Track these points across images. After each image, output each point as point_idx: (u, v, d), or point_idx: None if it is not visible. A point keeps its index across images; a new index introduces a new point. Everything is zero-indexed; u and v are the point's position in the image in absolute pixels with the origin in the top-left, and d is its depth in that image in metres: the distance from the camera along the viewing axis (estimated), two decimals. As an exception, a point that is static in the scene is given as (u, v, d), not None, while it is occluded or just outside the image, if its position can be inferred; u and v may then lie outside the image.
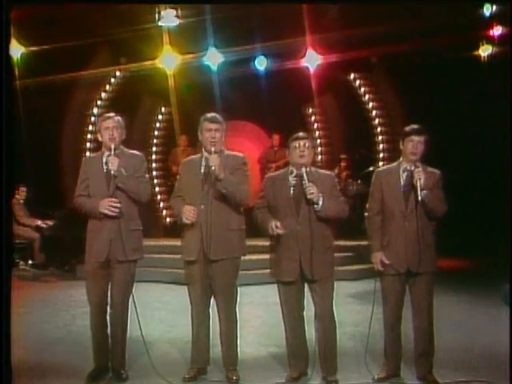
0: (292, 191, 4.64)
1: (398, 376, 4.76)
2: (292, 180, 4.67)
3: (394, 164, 4.83)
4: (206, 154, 4.72)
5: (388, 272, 4.68)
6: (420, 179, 4.52)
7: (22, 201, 10.55)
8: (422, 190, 4.52)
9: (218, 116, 4.83)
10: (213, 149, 4.66)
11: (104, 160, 4.76)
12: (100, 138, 4.82)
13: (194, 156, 4.96)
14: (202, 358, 4.82)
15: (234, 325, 4.80)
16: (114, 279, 4.72)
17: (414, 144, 4.65)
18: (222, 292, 4.73)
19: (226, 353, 4.80)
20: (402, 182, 4.67)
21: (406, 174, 4.68)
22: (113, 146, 4.69)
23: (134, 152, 4.90)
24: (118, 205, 4.64)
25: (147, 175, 4.90)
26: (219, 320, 4.78)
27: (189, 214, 4.62)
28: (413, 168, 4.62)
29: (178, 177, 4.99)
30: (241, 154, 4.90)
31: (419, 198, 4.52)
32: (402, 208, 4.63)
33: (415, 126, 4.73)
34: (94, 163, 4.83)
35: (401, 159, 4.77)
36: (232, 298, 4.77)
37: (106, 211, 4.63)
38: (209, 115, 4.82)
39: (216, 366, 4.93)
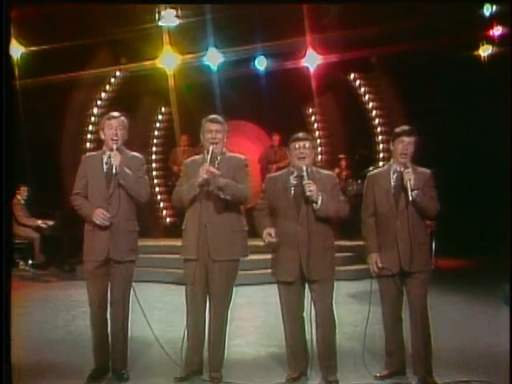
0: (293, 192, 4.65)
1: (403, 374, 4.78)
2: (293, 180, 4.67)
3: (385, 167, 4.90)
4: (206, 155, 4.71)
5: (383, 273, 4.70)
6: (410, 180, 4.55)
7: (22, 201, 10.56)
8: (412, 190, 4.55)
9: (219, 117, 4.84)
10: (212, 147, 4.66)
11: (105, 159, 4.75)
12: (102, 137, 4.80)
13: (196, 156, 4.96)
14: (196, 360, 4.78)
15: (223, 326, 4.77)
16: (113, 279, 4.71)
17: (405, 145, 4.68)
18: (218, 293, 4.71)
19: (212, 353, 4.76)
20: (393, 184, 4.70)
21: (395, 175, 4.71)
22: (115, 147, 4.69)
23: (135, 154, 4.89)
24: (109, 215, 4.62)
25: (146, 177, 4.90)
26: (209, 320, 4.76)
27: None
28: (403, 169, 4.65)
29: (181, 174, 4.99)
30: (242, 156, 4.90)
31: (410, 198, 4.54)
32: (393, 209, 4.66)
33: (405, 127, 4.77)
34: (94, 162, 4.81)
35: (391, 161, 4.82)
36: (226, 300, 4.76)
37: (97, 222, 4.63)
38: (210, 116, 4.84)
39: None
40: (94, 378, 4.68)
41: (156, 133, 12.50)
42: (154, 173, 12.13)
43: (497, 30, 9.98)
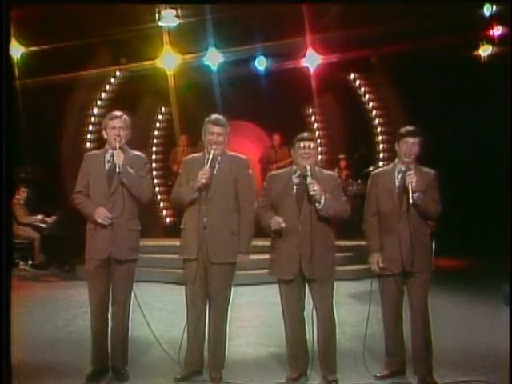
0: (295, 190, 4.65)
1: (404, 374, 4.78)
2: (295, 179, 4.67)
3: (390, 166, 4.89)
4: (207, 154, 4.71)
5: (385, 273, 4.70)
6: (412, 182, 4.55)
7: (22, 201, 10.55)
8: (413, 192, 4.55)
9: (222, 118, 4.78)
10: (212, 151, 4.66)
11: (107, 158, 4.75)
12: (105, 136, 4.80)
13: (196, 154, 4.96)
14: (196, 360, 4.78)
15: (223, 326, 4.77)
16: (114, 278, 4.71)
17: (409, 146, 4.69)
18: (217, 293, 4.71)
19: (212, 353, 4.77)
20: (397, 183, 4.71)
21: (400, 175, 4.71)
22: (118, 145, 4.69)
23: (138, 153, 4.90)
24: (110, 216, 4.63)
25: (149, 176, 4.91)
26: (209, 320, 4.77)
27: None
28: (405, 170, 4.65)
29: (180, 171, 5.00)
30: (244, 156, 4.90)
31: (411, 200, 4.55)
32: (397, 208, 4.66)
33: (410, 128, 4.77)
34: (96, 160, 4.81)
35: (396, 161, 4.82)
36: (225, 300, 4.76)
37: (99, 220, 4.64)
38: (213, 117, 4.78)
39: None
40: (93, 378, 4.67)
41: (156, 133, 12.50)
42: (154, 173, 12.12)
43: (497, 30, 9.98)
